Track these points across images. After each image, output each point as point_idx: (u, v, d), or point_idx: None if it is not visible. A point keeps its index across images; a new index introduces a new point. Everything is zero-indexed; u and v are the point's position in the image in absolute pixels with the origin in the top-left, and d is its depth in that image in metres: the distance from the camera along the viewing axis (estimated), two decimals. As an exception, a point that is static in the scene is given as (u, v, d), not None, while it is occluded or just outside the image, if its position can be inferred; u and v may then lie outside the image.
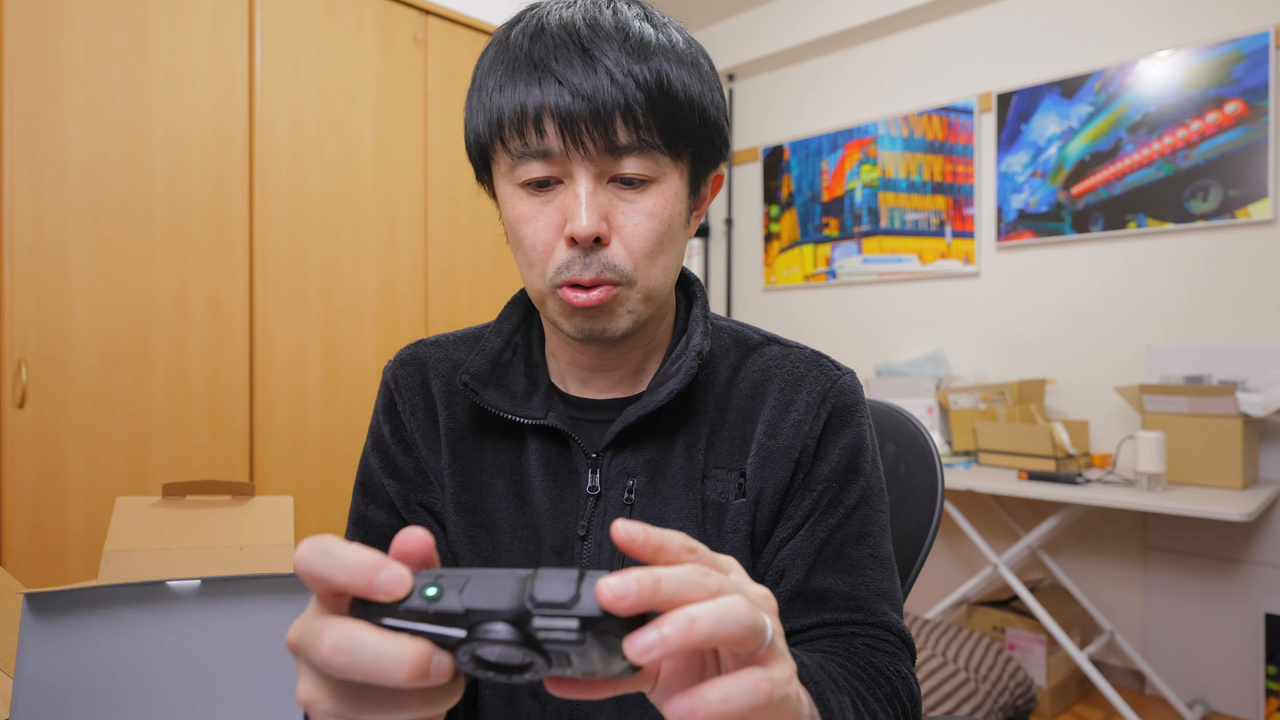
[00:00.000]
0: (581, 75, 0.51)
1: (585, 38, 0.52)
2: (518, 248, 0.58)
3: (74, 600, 0.55)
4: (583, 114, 0.51)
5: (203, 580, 0.60)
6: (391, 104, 2.20)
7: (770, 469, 0.61)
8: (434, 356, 0.69)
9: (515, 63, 0.53)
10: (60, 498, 1.66)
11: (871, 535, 0.61)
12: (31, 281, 1.63)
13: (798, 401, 0.62)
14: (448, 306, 2.34)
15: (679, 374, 0.60)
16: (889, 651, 0.58)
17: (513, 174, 0.55)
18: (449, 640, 0.30)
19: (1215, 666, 2.23)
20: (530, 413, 0.62)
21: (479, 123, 0.57)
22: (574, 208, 0.53)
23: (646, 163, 0.54)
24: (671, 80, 0.53)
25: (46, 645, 0.55)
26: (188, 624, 0.59)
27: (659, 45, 0.54)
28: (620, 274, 0.55)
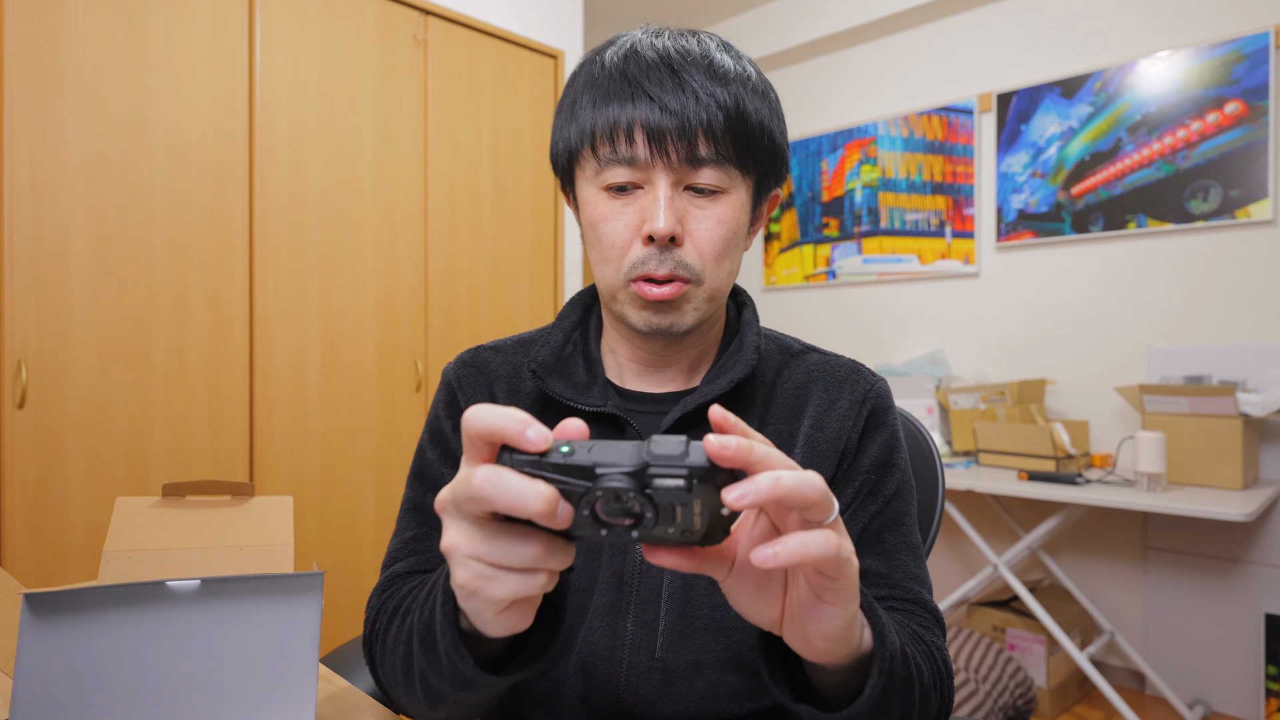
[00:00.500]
0: (671, 94, 0.58)
1: (675, 62, 0.60)
2: (595, 244, 0.64)
3: (74, 600, 0.55)
4: (670, 127, 0.58)
5: (203, 580, 0.59)
6: (391, 104, 2.20)
7: (818, 458, 0.67)
8: (494, 360, 0.75)
9: (610, 82, 0.61)
10: (60, 498, 1.66)
11: (904, 525, 0.67)
12: (31, 281, 1.63)
13: (841, 401, 0.69)
14: (447, 307, 2.35)
15: (737, 367, 0.67)
16: (924, 624, 0.63)
17: (598, 178, 0.63)
18: (576, 490, 0.36)
19: (1215, 666, 2.23)
20: (591, 401, 0.67)
21: (570, 134, 0.64)
22: (653, 209, 0.60)
23: (720, 174, 0.61)
24: (746, 105, 0.61)
25: (46, 645, 0.55)
26: (188, 624, 0.59)
27: (736, 74, 0.61)
28: (691, 272, 0.62)
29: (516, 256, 2.54)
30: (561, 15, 2.67)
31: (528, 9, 2.56)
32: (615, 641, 0.64)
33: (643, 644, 0.64)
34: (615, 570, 0.66)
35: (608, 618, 0.65)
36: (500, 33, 2.47)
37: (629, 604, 0.65)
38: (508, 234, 2.51)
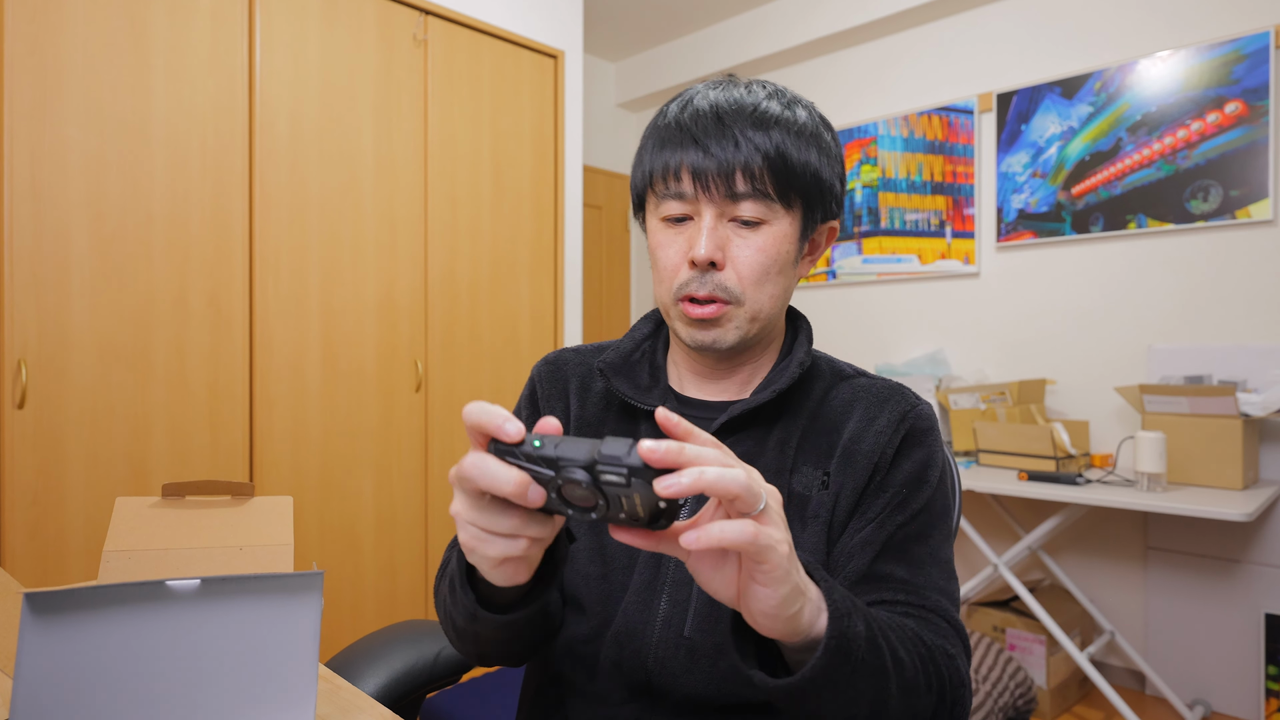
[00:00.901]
0: (714, 141, 0.67)
1: (723, 113, 0.69)
2: (654, 266, 0.74)
3: (74, 600, 0.55)
4: (711, 168, 0.67)
5: (203, 580, 0.59)
6: (391, 104, 2.20)
7: (851, 468, 0.72)
8: (572, 360, 0.84)
9: (669, 131, 0.71)
10: (60, 498, 1.66)
11: (932, 539, 0.71)
12: (31, 281, 1.63)
13: (880, 418, 0.74)
14: (447, 307, 2.35)
15: (781, 379, 0.74)
16: (938, 631, 0.65)
17: (657, 210, 0.72)
18: (542, 476, 0.45)
19: (1215, 666, 2.23)
20: (650, 401, 0.76)
21: (638, 175, 0.74)
22: (697, 238, 0.69)
23: (760, 207, 0.68)
24: (786, 146, 0.68)
25: (46, 645, 0.55)
26: (188, 624, 0.59)
27: (780, 119, 0.69)
28: (730, 294, 0.69)
29: (516, 256, 2.54)
30: (561, 15, 2.67)
31: (528, 9, 2.56)
32: (648, 617, 0.70)
33: (673, 621, 0.70)
34: (654, 553, 0.72)
35: (644, 594, 0.71)
36: (500, 33, 2.47)
37: (664, 584, 0.71)
38: (508, 234, 2.51)
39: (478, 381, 2.43)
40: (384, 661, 0.99)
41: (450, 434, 2.36)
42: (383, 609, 2.20)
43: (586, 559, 0.75)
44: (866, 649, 0.53)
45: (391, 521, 2.21)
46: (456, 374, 2.37)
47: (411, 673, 0.99)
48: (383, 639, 1.04)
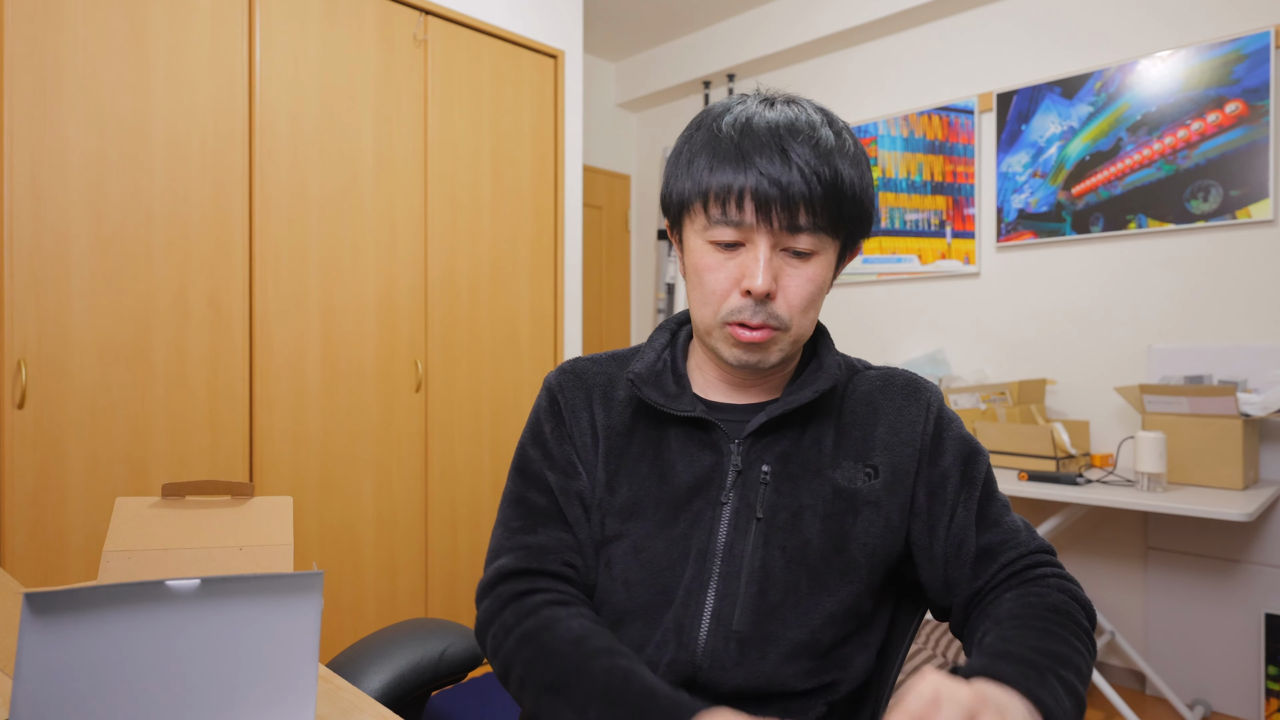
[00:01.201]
0: (781, 169, 0.67)
1: (784, 138, 0.68)
2: (697, 288, 0.74)
3: (74, 600, 0.55)
4: (776, 198, 0.67)
5: (203, 580, 0.59)
6: (391, 104, 2.20)
7: (898, 457, 0.77)
8: (591, 369, 0.84)
9: (728, 150, 0.69)
10: (60, 498, 1.66)
11: (994, 491, 0.79)
12: (31, 281, 1.63)
13: (910, 407, 0.79)
14: (447, 307, 2.35)
15: (820, 380, 0.76)
16: (1058, 575, 0.74)
17: (706, 232, 0.71)
18: None
19: (1215, 666, 2.23)
20: (681, 407, 0.76)
21: (685, 187, 0.73)
22: (753, 268, 0.69)
23: (814, 240, 0.70)
24: (844, 177, 0.69)
25: (46, 645, 0.54)
26: (188, 624, 0.59)
27: (835, 147, 0.69)
28: (780, 322, 0.71)
29: (516, 256, 2.54)
30: (561, 15, 2.67)
31: (528, 9, 2.56)
32: (696, 611, 0.72)
33: (722, 615, 0.72)
34: (700, 548, 0.74)
35: (692, 590, 0.73)
36: (500, 33, 2.47)
37: (711, 578, 0.73)
38: (508, 234, 2.51)
39: (478, 381, 2.43)
40: (389, 659, 0.99)
41: (450, 434, 2.36)
42: (383, 609, 2.20)
43: (624, 564, 0.76)
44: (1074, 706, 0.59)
45: (391, 521, 2.21)
46: (456, 374, 2.37)
47: (417, 670, 1.00)
48: (388, 636, 1.04)
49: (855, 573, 0.75)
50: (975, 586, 0.75)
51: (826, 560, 0.74)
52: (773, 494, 0.75)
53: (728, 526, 0.74)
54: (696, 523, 0.75)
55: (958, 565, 0.76)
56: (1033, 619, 0.67)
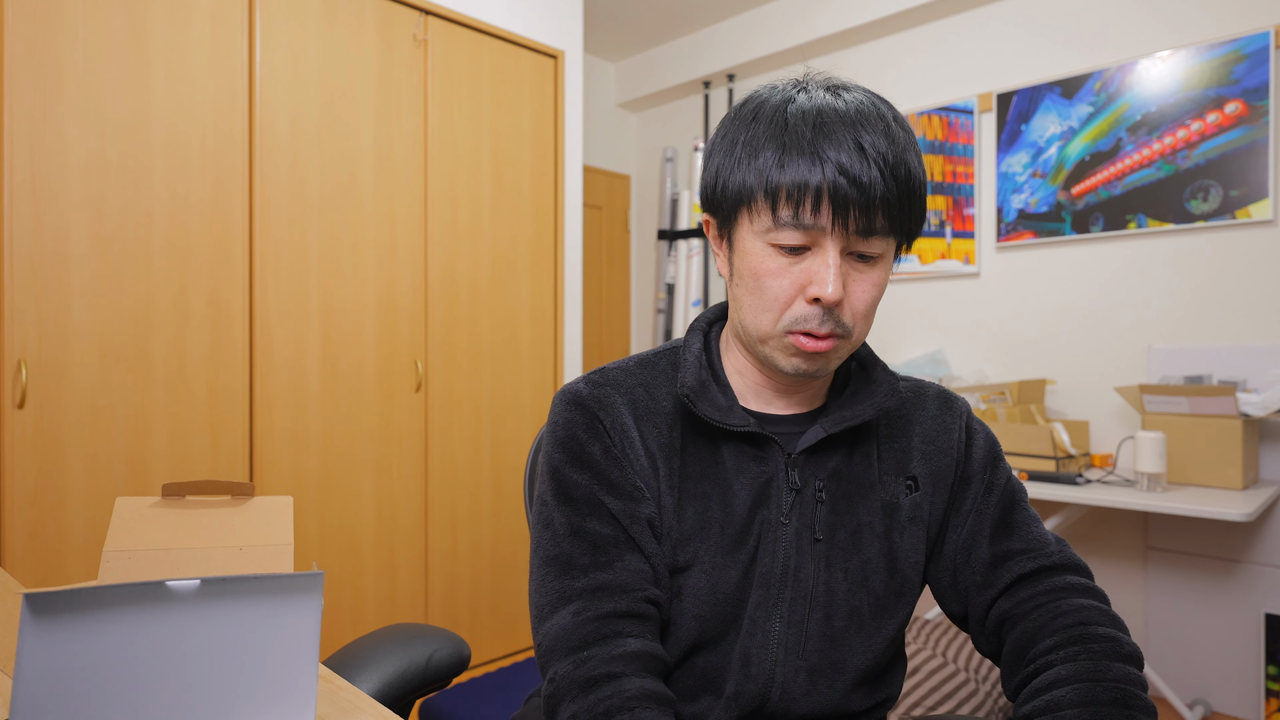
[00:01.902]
0: (859, 166, 0.61)
1: (856, 130, 0.62)
2: (755, 293, 0.67)
3: (74, 600, 0.55)
4: (856, 199, 0.61)
5: (203, 580, 0.59)
6: (391, 104, 2.20)
7: (939, 470, 0.76)
8: (624, 378, 0.75)
9: (799, 144, 0.62)
10: (60, 498, 1.66)
11: (1021, 501, 0.77)
12: (31, 281, 1.63)
13: (944, 417, 0.78)
14: (448, 307, 2.35)
15: (879, 396, 0.73)
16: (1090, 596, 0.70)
17: (767, 234, 0.65)
18: None
19: (1215, 666, 2.23)
20: (734, 421, 0.70)
21: (748, 178, 0.65)
22: (823, 275, 0.63)
23: (884, 243, 0.66)
24: (913, 173, 0.65)
25: (46, 645, 0.54)
26: (188, 624, 0.59)
27: (906, 143, 0.65)
28: (845, 329, 0.67)
29: (516, 256, 2.54)
30: (561, 15, 2.67)
31: (528, 9, 2.56)
32: (766, 640, 0.69)
33: (789, 643, 0.70)
34: (765, 572, 0.70)
35: (757, 617, 0.70)
36: (500, 33, 2.47)
37: (776, 603, 0.70)
38: (508, 234, 2.51)
39: (478, 382, 2.43)
40: (375, 665, 0.97)
41: (450, 434, 2.36)
42: (382, 609, 2.20)
43: (694, 598, 0.70)
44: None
45: (391, 521, 2.21)
46: (456, 374, 2.37)
47: (404, 677, 0.98)
48: (373, 642, 1.03)
49: (909, 592, 0.74)
50: (990, 595, 0.73)
51: (884, 581, 0.73)
52: (829, 513, 0.72)
53: (790, 550, 0.71)
54: (760, 546, 0.70)
55: (967, 570, 0.74)
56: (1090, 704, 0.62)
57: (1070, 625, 0.67)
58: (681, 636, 0.70)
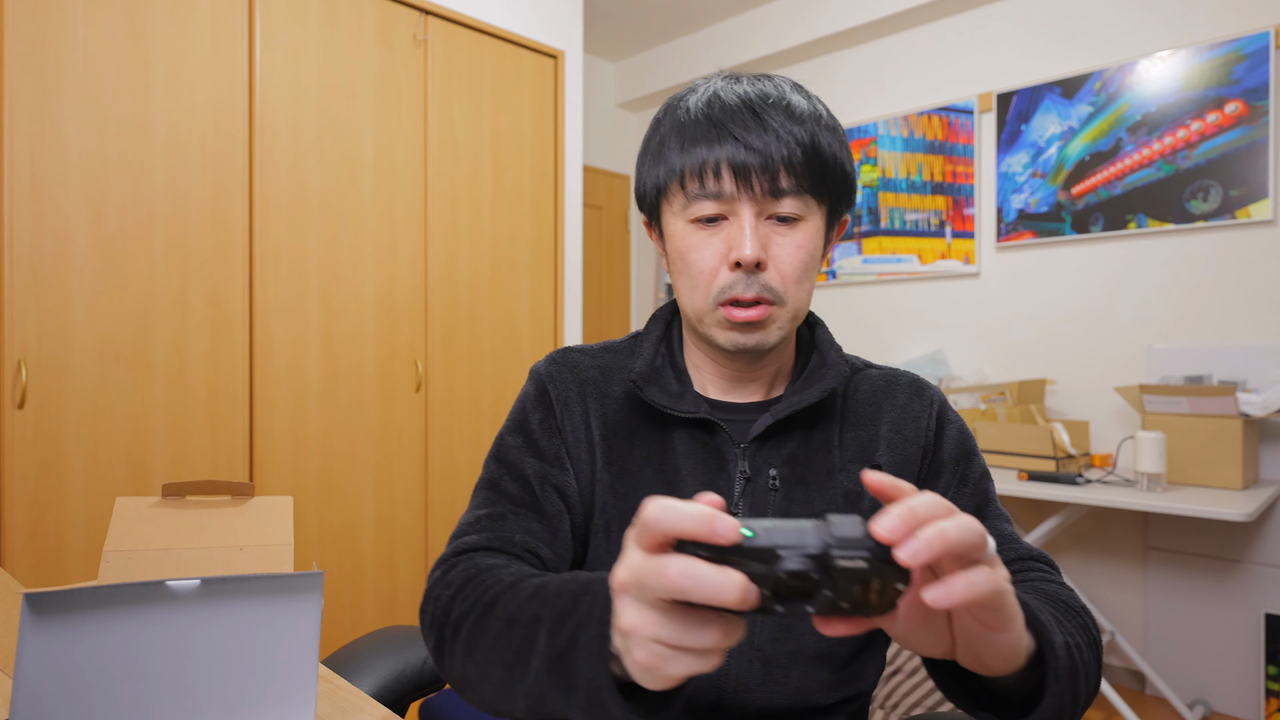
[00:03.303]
0: (754, 134, 0.64)
1: (757, 105, 0.66)
2: (684, 272, 0.70)
3: (74, 600, 0.55)
4: (754, 164, 0.64)
5: (203, 580, 0.60)
6: (391, 104, 2.20)
7: (902, 457, 0.74)
8: (584, 361, 0.79)
9: (698, 127, 0.67)
10: (60, 498, 1.66)
11: (993, 501, 0.76)
12: (31, 281, 1.63)
13: (914, 404, 0.77)
14: (448, 307, 2.35)
15: (827, 378, 0.73)
16: (1059, 583, 0.67)
17: (685, 212, 0.68)
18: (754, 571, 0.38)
19: (1215, 666, 2.23)
20: (685, 408, 0.72)
21: (659, 173, 0.70)
22: (739, 238, 0.65)
23: (799, 204, 0.67)
24: (820, 140, 0.67)
25: (46, 645, 0.55)
26: (188, 624, 0.59)
27: (811, 113, 0.67)
28: (775, 294, 0.67)
29: (516, 256, 2.54)
30: (561, 15, 2.67)
31: (528, 9, 2.56)
32: None
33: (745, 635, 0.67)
34: None
35: None
36: (500, 33, 2.47)
37: None
38: (508, 234, 2.51)
39: (478, 381, 2.43)
40: (370, 668, 0.97)
41: (450, 434, 2.36)
42: (382, 609, 2.20)
43: None
44: (1065, 655, 0.51)
45: (391, 521, 2.21)
46: (456, 374, 2.37)
47: (400, 679, 0.98)
48: (368, 644, 1.02)
49: None
50: None
51: None
52: (783, 500, 0.72)
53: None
54: None
55: None
56: (1045, 601, 0.61)
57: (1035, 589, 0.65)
58: None
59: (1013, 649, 0.45)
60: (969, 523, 0.40)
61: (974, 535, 0.40)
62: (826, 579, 0.38)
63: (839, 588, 0.38)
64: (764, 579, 0.38)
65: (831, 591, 0.38)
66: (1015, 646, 0.46)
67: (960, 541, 0.39)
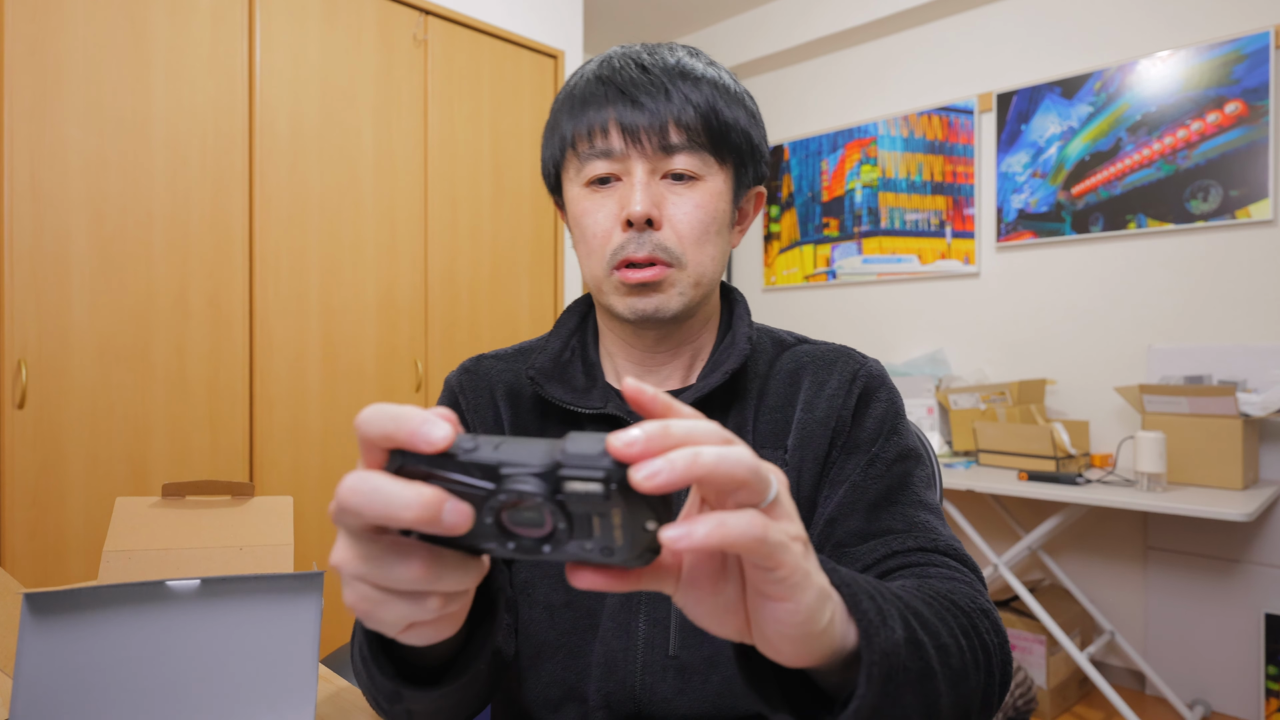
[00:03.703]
0: (643, 92, 0.62)
1: (647, 63, 0.64)
2: (580, 239, 0.67)
3: (74, 600, 0.55)
4: (642, 121, 0.62)
5: (203, 580, 0.60)
6: (391, 104, 2.20)
7: (809, 440, 0.67)
8: (496, 367, 0.76)
9: (589, 89, 0.64)
10: (60, 498, 1.66)
11: (913, 486, 0.66)
12: (31, 281, 1.63)
13: (830, 382, 0.69)
14: (448, 306, 2.35)
15: (730, 359, 0.68)
16: (963, 580, 0.57)
17: (579, 175, 0.66)
18: (478, 493, 0.31)
19: (1215, 666, 2.23)
20: (590, 403, 0.68)
21: (554, 144, 0.68)
22: (629, 194, 0.62)
23: (694, 160, 0.64)
24: (717, 104, 0.64)
25: (46, 645, 0.55)
26: (188, 624, 0.59)
27: (706, 76, 0.65)
28: (671, 255, 0.63)
29: (516, 256, 2.54)
30: (561, 15, 2.67)
31: (528, 9, 2.56)
32: (629, 641, 0.64)
33: (656, 642, 0.64)
34: None
35: (619, 617, 0.65)
36: (500, 33, 2.47)
37: (640, 602, 0.65)
38: (508, 234, 2.51)
39: (478, 381, 2.43)
40: None
41: (450, 434, 2.36)
42: (383, 609, 2.19)
43: (549, 587, 0.67)
44: (908, 654, 0.42)
45: (391, 521, 2.21)
46: (456, 374, 2.37)
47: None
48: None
49: None
50: None
51: None
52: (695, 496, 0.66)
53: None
54: None
55: (829, 549, 0.64)
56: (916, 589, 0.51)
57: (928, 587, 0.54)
58: (535, 635, 0.67)
59: (800, 629, 0.35)
60: (740, 454, 0.32)
61: (742, 469, 0.32)
62: (557, 508, 0.30)
63: (574, 519, 0.31)
64: (485, 503, 0.31)
65: (566, 524, 0.31)
66: (803, 627, 0.35)
67: (717, 471, 0.31)
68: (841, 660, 0.40)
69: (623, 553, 0.31)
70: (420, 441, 0.31)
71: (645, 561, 0.33)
